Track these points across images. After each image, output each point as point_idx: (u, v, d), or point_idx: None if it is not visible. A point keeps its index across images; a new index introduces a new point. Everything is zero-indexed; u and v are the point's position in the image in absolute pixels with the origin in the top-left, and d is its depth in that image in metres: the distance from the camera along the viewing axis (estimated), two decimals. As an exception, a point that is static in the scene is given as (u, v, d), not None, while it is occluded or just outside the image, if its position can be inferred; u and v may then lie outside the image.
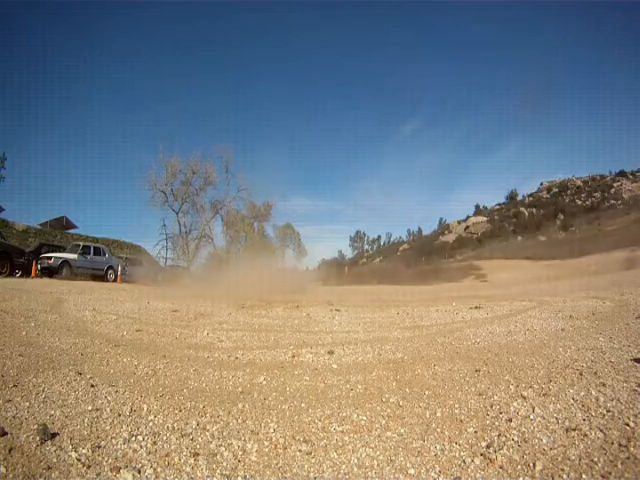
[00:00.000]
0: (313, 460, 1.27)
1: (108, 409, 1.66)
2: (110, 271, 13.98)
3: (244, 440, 1.41)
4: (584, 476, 1.07)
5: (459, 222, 65.10)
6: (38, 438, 1.36)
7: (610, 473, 1.07)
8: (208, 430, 1.49)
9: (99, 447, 1.33)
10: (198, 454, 1.30)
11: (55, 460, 1.24)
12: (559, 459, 1.16)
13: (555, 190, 63.92)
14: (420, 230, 71.95)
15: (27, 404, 1.68)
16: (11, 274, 10.47)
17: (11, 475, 1.16)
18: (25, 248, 13.18)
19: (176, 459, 1.27)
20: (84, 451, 1.30)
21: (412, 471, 1.18)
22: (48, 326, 3.47)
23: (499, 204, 70.12)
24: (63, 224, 28.00)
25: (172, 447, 1.35)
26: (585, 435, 1.27)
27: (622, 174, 56.58)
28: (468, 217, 66.01)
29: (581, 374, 1.84)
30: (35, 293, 5.81)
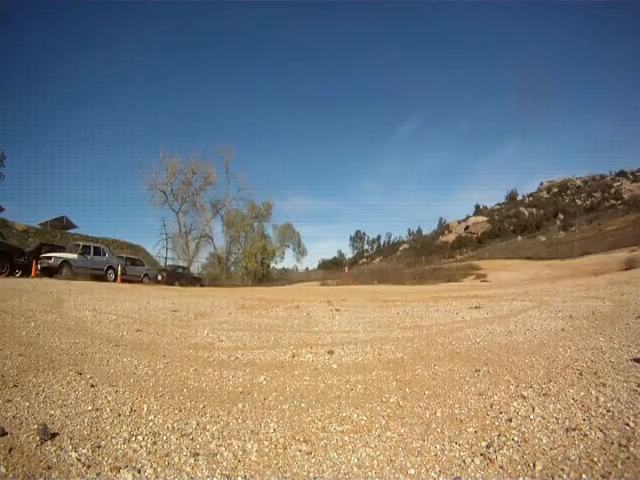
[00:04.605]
0: (313, 460, 1.27)
1: (108, 409, 1.66)
2: (110, 271, 13.98)
3: (244, 440, 1.41)
4: (584, 476, 1.07)
5: (459, 222, 65.06)
6: (38, 438, 1.36)
7: (610, 473, 1.07)
8: (208, 430, 1.49)
9: (99, 447, 1.33)
10: (198, 454, 1.30)
11: (55, 460, 1.25)
12: (559, 459, 1.16)
13: (555, 190, 63.90)
14: (420, 230, 71.96)
15: (27, 404, 1.68)
16: (11, 274, 10.47)
17: (11, 475, 1.16)
18: (25, 248, 13.17)
19: (176, 459, 1.27)
20: (84, 451, 1.30)
21: (412, 471, 1.18)
22: (48, 326, 3.47)
23: (499, 204, 70.12)
24: (63, 224, 28.04)
25: (172, 447, 1.35)
26: (585, 435, 1.27)
27: (622, 174, 56.55)
28: (468, 217, 65.98)
29: (581, 374, 1.84)
30: (35, 293, 5.81)
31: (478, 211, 70.26)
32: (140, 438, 1.41)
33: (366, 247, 74.51)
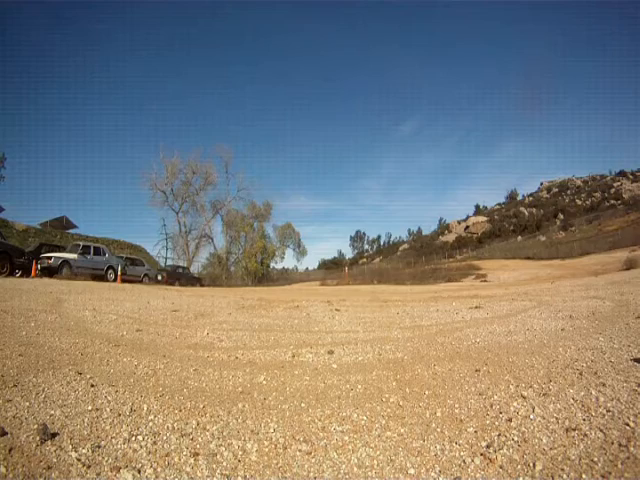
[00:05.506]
0: (313, 460, 1.27)
1: (108, 409, 1.66)
2: (110, 271, 13.97)
3: (244, 440, 1.41)
4: (584, 476, 1.07)
5: (459, 222, 65.06)
6: (38, 438, 1.36)
7: (610, 473, 1.07)
8: (208, 430, 1.49)
9: (99, 447, 1.33)
10: (198, 454, 1.30)
11: (55, 460, 1.24)
12: (559, 459, 1.16)
13: (555, 190, 63.92)
14: (420, 230, 72.02)
15: (27, 404, 1.68)
16: (11, 274, 10.47)
17: (11, 475, 1.15)
18: (25, 248, 13.16)
19: (176, 459, 1.27)
20: (84, 451, 1.30)
21: (412, 471, 1.18)
22: (48, 326, 3.47)
23: (499, 204, 70.22)
24: (63, 224, 28.02)
25: (172, 447, 1.35)
26: (585, 435, 1.27)
27: (622, 174, 56.58)
28: (468, 217, 66.02)
29: (581, 374, 1.84)
30: (35, 293, 5.81)
31: (478, 211, 70.34)
32: (140, 438, 1.41)
33: (366, 247, 74.57)
